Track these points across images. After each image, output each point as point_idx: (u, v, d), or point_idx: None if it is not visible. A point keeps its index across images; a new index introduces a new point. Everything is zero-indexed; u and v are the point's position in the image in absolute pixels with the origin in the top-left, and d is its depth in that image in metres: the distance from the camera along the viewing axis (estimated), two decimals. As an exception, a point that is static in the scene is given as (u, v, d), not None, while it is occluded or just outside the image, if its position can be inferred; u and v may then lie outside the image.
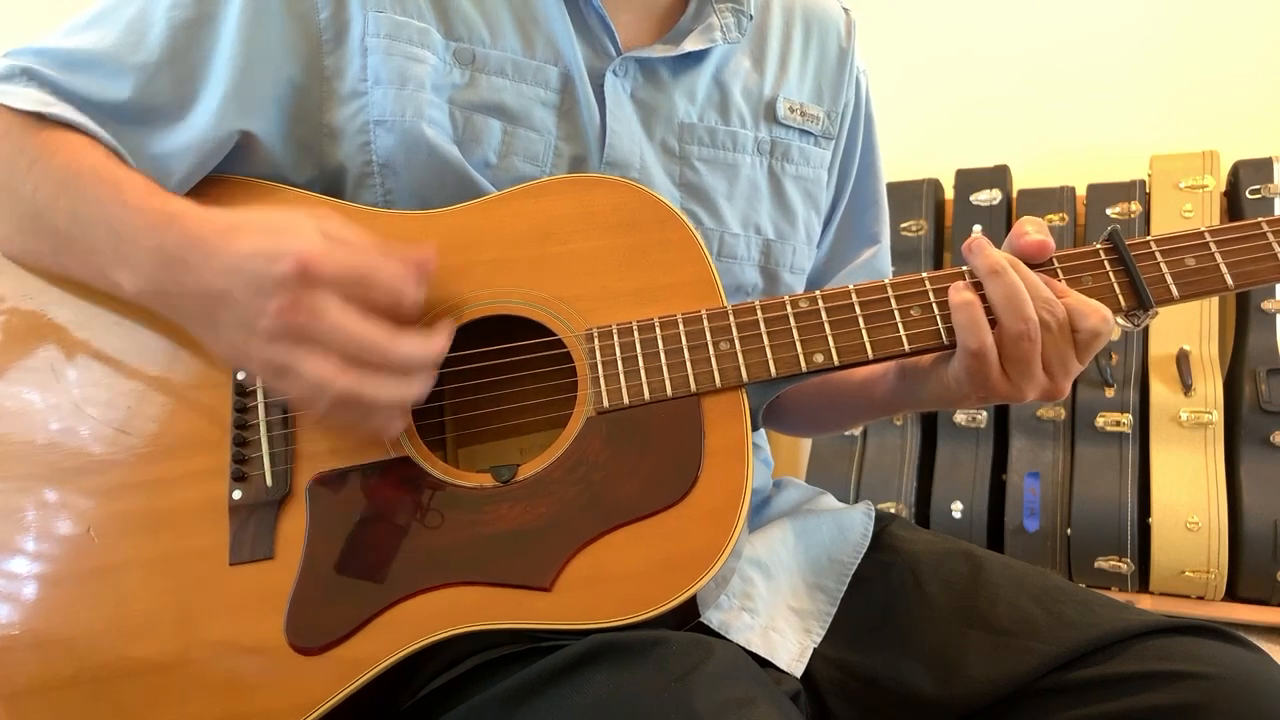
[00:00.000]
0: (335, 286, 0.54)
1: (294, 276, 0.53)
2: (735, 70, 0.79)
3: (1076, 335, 0.61)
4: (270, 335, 0.53)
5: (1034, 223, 0.64)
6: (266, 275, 0.53)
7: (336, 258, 0.54)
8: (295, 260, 0.53)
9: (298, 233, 0.55)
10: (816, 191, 0.84)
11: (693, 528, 0.57)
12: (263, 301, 0.53)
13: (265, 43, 0.66)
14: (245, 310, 0.54)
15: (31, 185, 0.62)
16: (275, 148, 0.68)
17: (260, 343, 0.54)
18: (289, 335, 0.53)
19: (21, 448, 0.63)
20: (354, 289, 0.54)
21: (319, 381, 0.53)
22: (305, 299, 0.53)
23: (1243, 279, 0.61)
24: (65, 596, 0.59)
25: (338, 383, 0.53)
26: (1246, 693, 0.57)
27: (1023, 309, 0.60)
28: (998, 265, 0.61)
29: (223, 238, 0.56)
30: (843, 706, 0.68)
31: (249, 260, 0.54)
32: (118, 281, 0.60)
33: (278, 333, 0.53)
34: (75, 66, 0.65)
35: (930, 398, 0.69)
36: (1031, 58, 2.55)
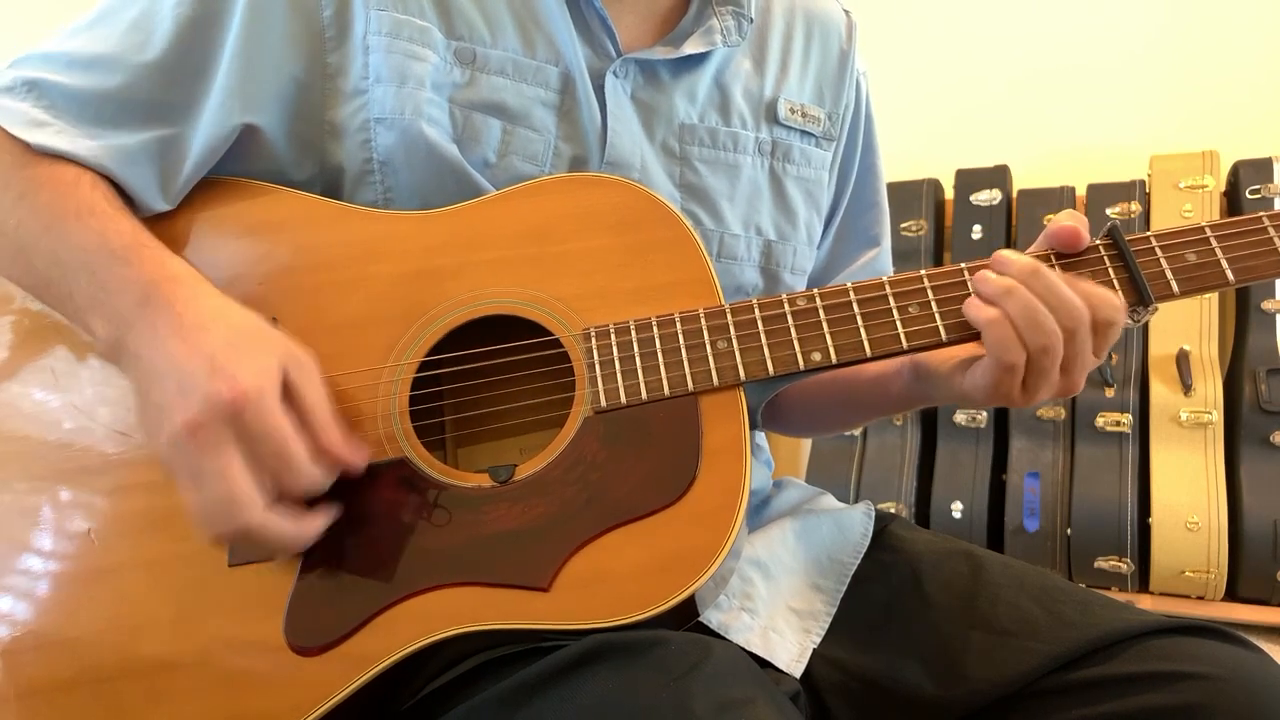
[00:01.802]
0: (248, 440, 0.53)
1: (221, 406, 0.53)
2: (736, 72, 0.79)
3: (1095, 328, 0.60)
4: (172, 438, 0.53)
5: (1073, 215, 0.63)
6: (201, 386, 0.53)
7: (268, 416, 0.54)
8: (232, 393, 0.53)
9: (258, 363, 0.55)
10: (818, 192, 0.84)
11: (691, 527, 0.57)
12: (183, 405, 0.53)
13: (269, 39, 0.66)
14: (165, 401, 0.54)
15: (15, 220, 0.62)
16: (277, 144, 0.68)
17: (164, 439, 0.54)
18: (184, 450, 0.53)
19: (21, 449, 0.63)
20: (265, 450, 0.54)
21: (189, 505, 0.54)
22: (214, 432, 0.53)
23: (1243, 274, 0.61)
24: (66, 597, 0.59)
25: (204, 523, 0.54)
26: (1246, 693, 0.57)
27: (1044, 324, 0.58)
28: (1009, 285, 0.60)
29: (195, 326, 0.56)
30: (842, 707, 0.68)
31: (200, 363, 0.54)
32: (90, 325, 0.60)
33: (177, 441, 0.53)
34: (79, 67, 0.65)
35: (943, 399, 0.69)
36: (1031, 58, 2.55)
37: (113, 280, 0.59)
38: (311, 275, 0.65)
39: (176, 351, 0.55)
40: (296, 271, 0.66)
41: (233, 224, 0.68)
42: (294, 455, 0.54)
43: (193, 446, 0.53)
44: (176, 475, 0.54)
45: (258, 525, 0.53)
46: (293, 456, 0.54)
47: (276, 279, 0.65)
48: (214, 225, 0.68)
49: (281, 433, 0.54)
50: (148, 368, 0.56)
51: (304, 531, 0.56)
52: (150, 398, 0.56)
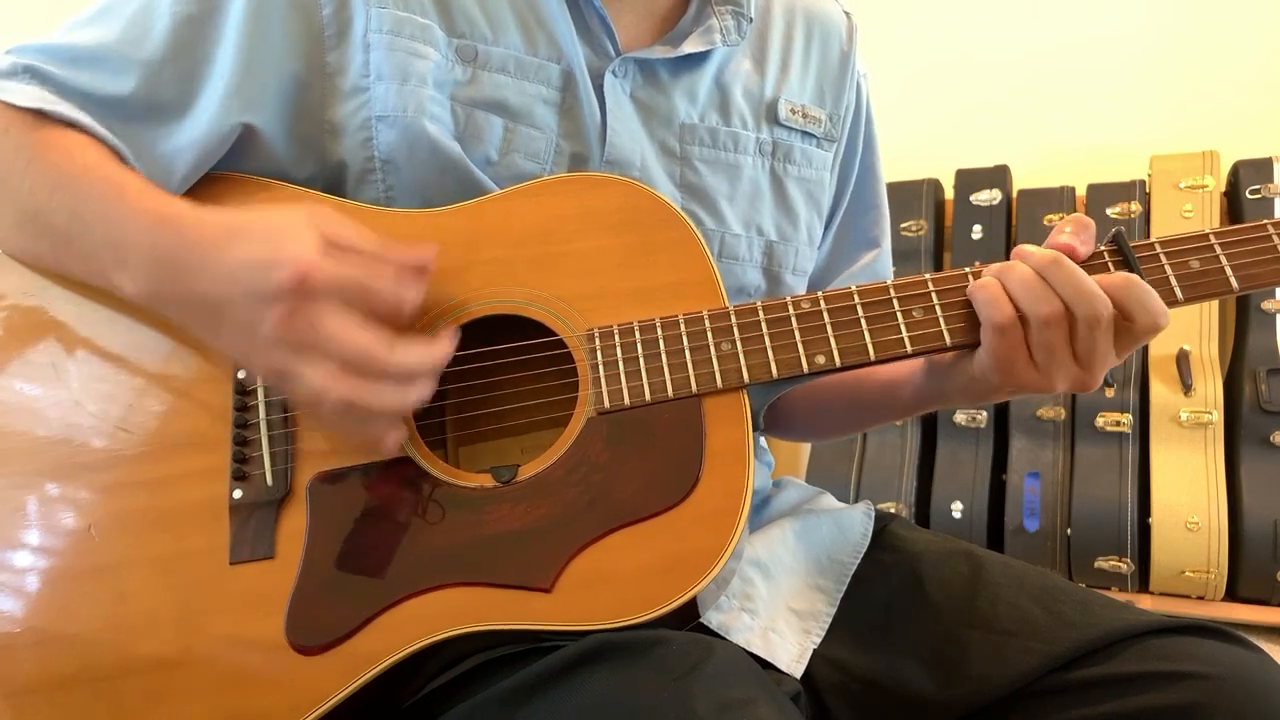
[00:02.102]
0: (333, 294, 0.54)
1: (291, 286, 0.53)
2: (736, 72, 0.79)
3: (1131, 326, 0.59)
4: (270, 343, 0.54)
5: (1076, 221, 0.62)
6: (264, 284, 0.53)
7: (333, 267, 0.54)
8: (293, 270, 0.53)
9: (296, 239, 0.55)
10: (819, 193, 0.84)
11: (693, 529, 0.57)
12: (262, 310, 0.53)
13: (268, 38, 0.66)
14: (245, 318, 0.54)
15: (29, 183, 0.62)
16: (277, 143, 0.68)
17: (261, 349, 0.54)
18: (289, 343, 0.54)
19: (22, 445, 0.63)
20: (352, 296, 0.54)
21: (318, 389, 0.54)
22: (303, 309, 0.53)
23: (1247, 281, 0.61)
24: (66, 595, 0.59)
25: (335, 391, 0.54)
26: (1246, 693, 0.57)
27: (1043, 293, 0.59)
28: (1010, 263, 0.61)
29: (220, 242, 0.56)
30: (842, 707, 0.68)
31: (246, 268, 0.54)
32: (118, 284, 0.60)
33: (277, 341, 0.53)
34: (78, 63, 0.65)
35: (956, 394, 0.68)
36: (1032, 58, 2.55)
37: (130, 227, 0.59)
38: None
39: (218, 276, 0.55)
40: None
41: None
42: (376, 283, 0.56)
43: (296, 335, 0.53)
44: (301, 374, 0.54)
45: (397, 362, 0.54)
46: (376, 284, 0.55)
47: None
48: None
49: (353, 277, 0.55)
50: (201, 301, 0.57)
51: (439, 352, 0.57)
52: (226, 328, 0.56)
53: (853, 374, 0.80)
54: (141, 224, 0.59)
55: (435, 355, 0.57)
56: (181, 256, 0.57)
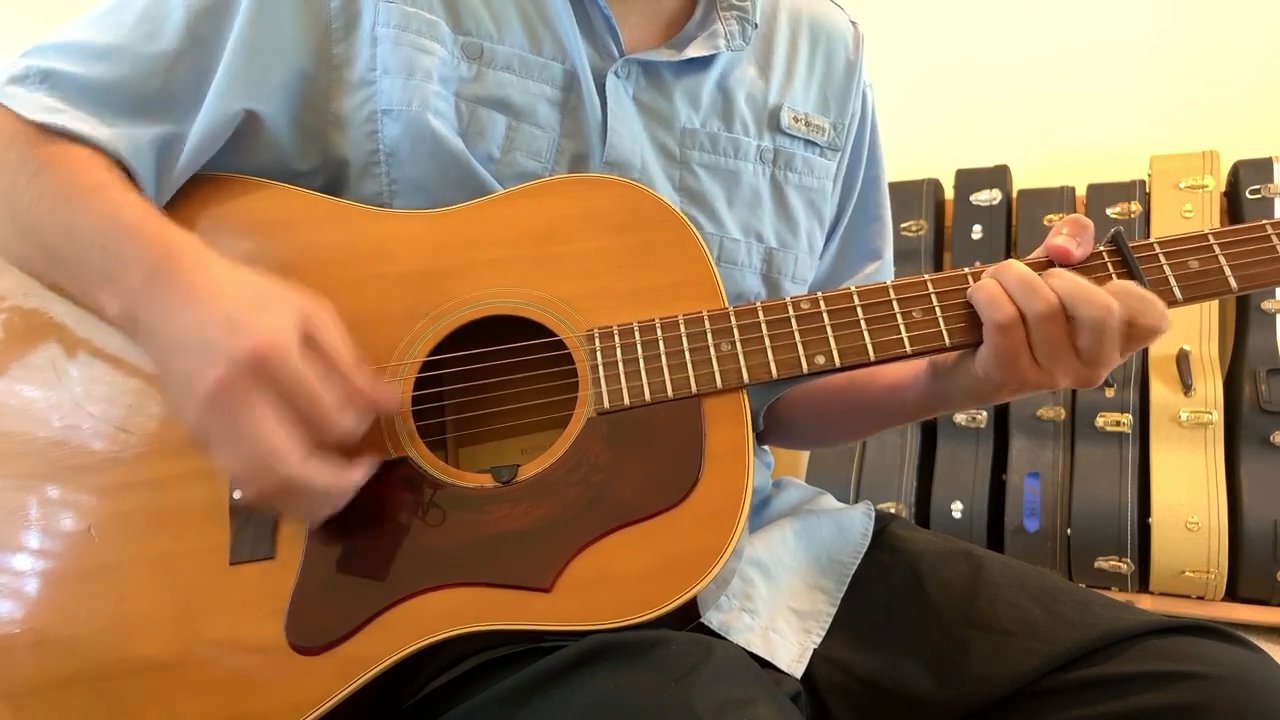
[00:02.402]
0: (277, 387, 0.53)
1: (244, 357, 0.52)
2: (740, 78, 0.79)
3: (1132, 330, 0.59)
4: (199, 400, 0.53)
5: (1073, 223, 0.63)
6: (223, 345, 0.53)
7: (293, 363, 0.53)
8: (256, 344, 0.52)
9: (276, 317, 0.55)
10: (820, 202, 0.83)
11: (693, 529, 0.57)
12: (207, 367, 0.53)
13: (275, 28, 0.67)
14: (191, 367, 0.54)
15: (29, 198, 0.62)
16: (280, 133, 0.68)
17: (191, 402, 0.54)
18: (215, 410, 0.53)
19: (22, 445, 0.63)
20: (295, 399, 0.54)
21: (230, 472, 0.55)
22: (243, 385, 0.53)
23: (1246, 282, 0.61)
24: (66, 595, 0.59)
25: (244, 483, 0.54)
26: (1246, 693, 0.57)
27: (1039, 290, 0.59)
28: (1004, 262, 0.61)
29: (208, 289, 0.56)
30: (843, 707, 0.68)
31: (218, 324, 0.54)
32: (101, 302, 0.60)
33: (206, 401, 0.53)
34: (91, 57, 0.66)
35: (961, 395, 0.67)
36: (1032, 58, 2.55)
37: (124, 253, 0.59)
38: (314, 274, 0.65)
39: (193, 318, 0.55)
40: (299, 270, 0.65)
41: (235, 222, 0.68)
42: (324, 401, 0.54)
43: (225, 406, 0.53)
44: (211, 440, 0.54)
45: (298, 476, 0.53)
46: (323, 402, 0.54)
47: (281, 277, 0.65)
48: (217, 223, 0.67)
49: (308, 380, 0.54)
50: (166, 339, 0.56)
51: (344, 482, 0.56)
52: (174, 367, 0.56)
53: (856, 380, 0.80)
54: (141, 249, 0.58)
55: (341, 483, 0.56)
56: (170, 290, 0.57)
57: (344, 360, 0.56)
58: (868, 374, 0.78)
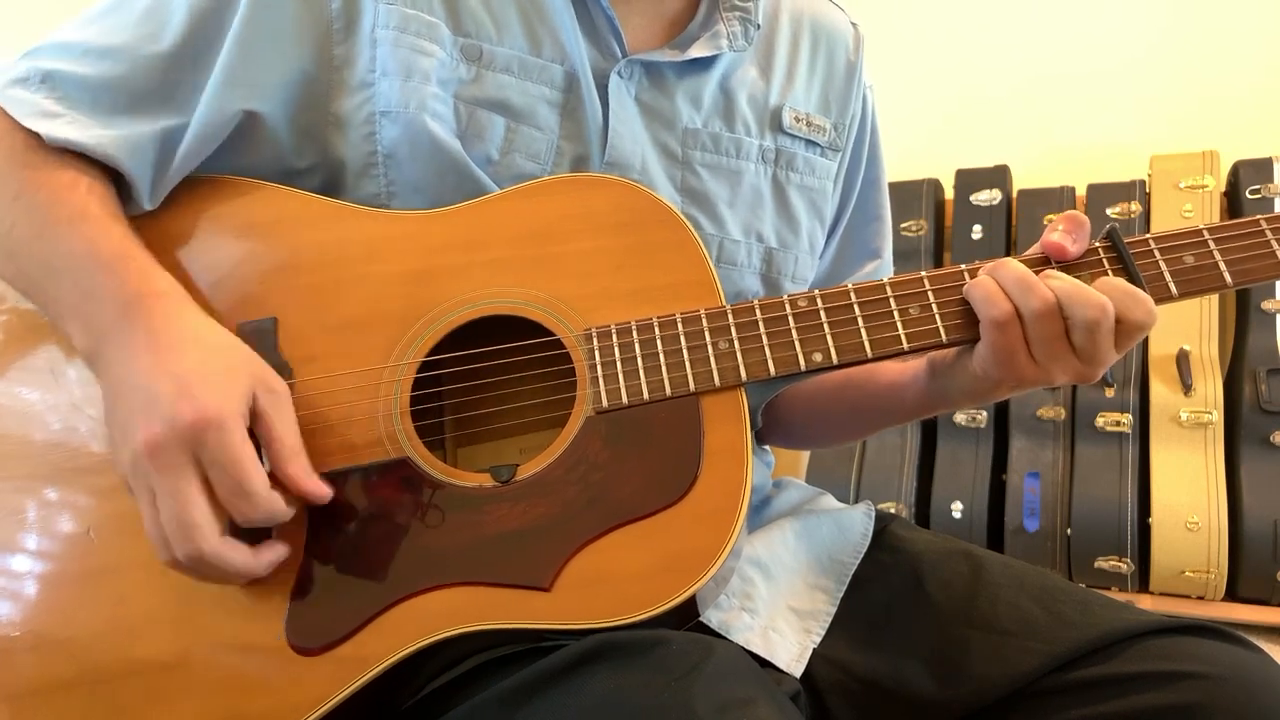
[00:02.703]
0: (208, 465, 0.54)
1: (180, 423, 0.53)
2: (742, 78, 0.79)
3: (1119, 326, 0.59)
4: (134, 455, 0.54)
5: (1069, 219, 0.63)
6: (167, 405, 0.53)
7: (229, 443, 0.53)
8: (196, 416, 0.53)
9: (229, 389, 0.55)
10: (821, 202, 0.84)
11: (692, 527, 0.57)
12: (146, 424, 0.53)
13: (275, 28, 0.67)
14: (133, 419, 0.54)
15: (10, 222, 0.62)
16: (279, 132, 0.68)
17: (125, 450, 0.55)
18: (145, 468, 0.54)
19: (21, 447, 0.63)
20: (223, 478, 0.54)
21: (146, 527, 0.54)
22: (175, 452, 0.53)
23: (1241, 277, 0.61)
24: (65, 597, 0.59)
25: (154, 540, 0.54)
26: (1246, 693, 0.57)
27: (1035, 288, 0.59)
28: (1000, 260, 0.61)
29: (171, 345, 0.56)
30: (842, 707, 0.68)
31: (169, 381, 0.54)
32: (70, 332, 0.60)
33: (139, 458, 0.54)
34: (93, 57, 0.66)
35: (960, 393, 0.68)
36: (1032, 58, 2.55)
37: (96, 289, 0.59)
38: (312, 275, 0.65)
39: (147, 369, 0.55)
40: (297, 271, 0.66)
41: (233, 223, 0.68)
42: (253, 484, 0.54)
43: (151, 466, 0.53)
44: (135, 492, 0.55)
45: (210, 553, 0.53)
46: (251, 486, 0.54)
47: (277, 278, 0.65)
48: (216, 224, 0.67)
49: (241, 461, 0.54)
50: (117, 381, 0.57)
51: (257, 563, 0.56)
52: (116, 410, 0.56)
53: (854, 378, 0.80)
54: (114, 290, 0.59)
55: (255, 566, 0.56)
56: (134, 337, 0.57)
57: (287, 444, 0.57)
58: (866, 372, 0.78)
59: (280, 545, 0.57)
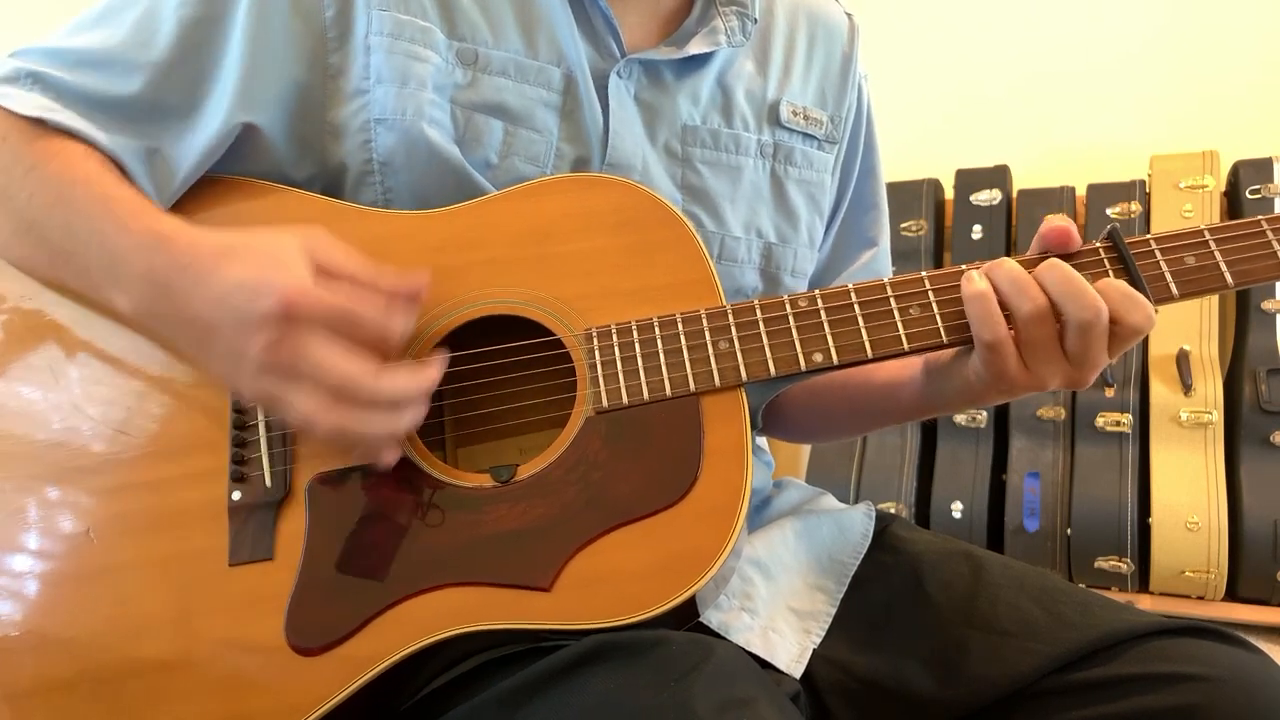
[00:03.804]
0: (319, 322, 0.54)
1: (278, 313, 0.53)
2: (739, 73, 0.79)
3: (1117, 329, 0.59)
4: (258, 369, 0.54)
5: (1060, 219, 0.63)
6: (252, 310, 0.53)
7: (320, 295, 0.54)
8: (280, 297, 0.53)
9: (286, 265, 0.55)
10: (820, 195, 0.84)
11: (692, 527, 0.57)
12: (249, 336, 0.53)
13: (271, 40, 0.66)
14: (232, 343, 0.54)
15: (27, 193, 0.62)
16: (277, 143, 0.68)
17: (248, 375, 0.55)
18: (276, 370, 0.54)
19: (21, 448, 0.63)
20: (338, 324, 0.54)
21: (307, 415, 0.54)
22: (290, 336, 0.53)
23: (1242, 277, 0.61)
24: (65, 597, 0.59)
25: (323, 418, 0.54)
26: (1246, 694, 0.57)
27: (1028, 289, 0.59)
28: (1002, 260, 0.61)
29: (210, 265, 0.56)
30: (842, 707, 0.68)
31: (235, 293, 0.54)
32: (113, 301, 0.60)
33: (265, 367, 0.54)
34: (83, 66, 0.65)
35: (954, 396, 0.68)
36: (1032, 58, 2.55)
37: (120, 247, 0.59)
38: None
39: (210, 296, 0.55)
40: None
41: (236, 224, 0.67)
42: (367, 315, 0.55)
43: (282, 363, 0.53)
44: (286, 401, 0.54)
45: (380, 389, 0.54)
46: (364, 313, 0.55)
47: None
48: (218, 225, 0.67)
49: (343, 305, 0.55)
50: (191, 324, 0.57)
51: (422, 379, 0.57)
52: (215, 352, 0.56)
53: (854, 377, 0.80)
54: (135, 243, 0.59)
55: (422, 382, 0.57)
56: (174, 278, 0.57)
57: (359, 269, 0.57)
58: (865, 372, 0.78)
59: (430, 364, 0.58)
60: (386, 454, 0.58)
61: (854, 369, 0.73)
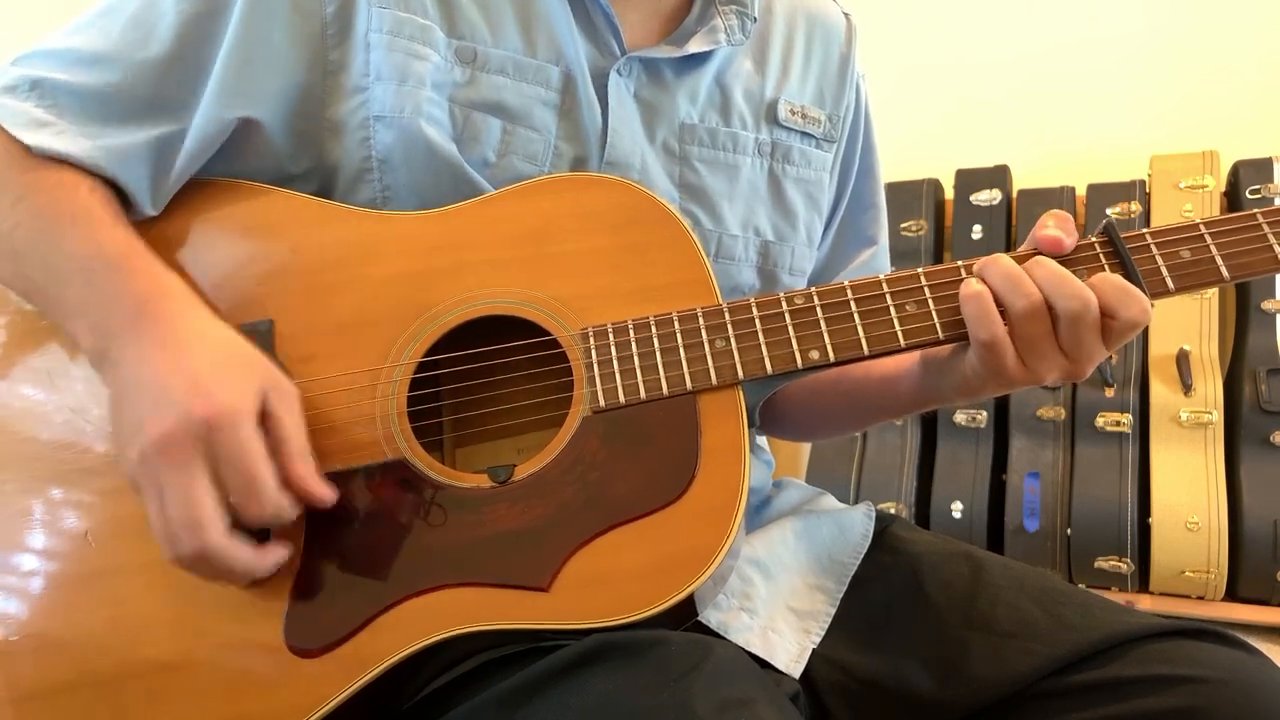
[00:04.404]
0: (218, 461, 0.53)
1: (198, 422, 0.53)
2: (737, 72, 0.79)
3: (1113, 323, 0.59)
4: (143, 452, 0.53)
5: (1057, 215, 0.63)
6: (180, 400, 0.53)
7: (245, 441, 0.53)
8: (210, 410, 0.53)
9: (240, 385, 0.55)
10: (818, 194, 0.84)
11: (690, 526, 0.56)
12: (159, 418, 0.53)
13: (270, 36, 0.66)
14: (143, 414, 0.54)
15: (11, 224, 0.62)
16: (275, 138, 0.68)
17: (134, 451, 0.54)
18: (155, 464, 0.53)
19: (19, 451, 0.63)
20: (233, 476, 0.54)
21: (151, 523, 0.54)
22: (187, 447, 0.53)
23: (1238, 270, 0.60)
24: (65, 599, 0.59)
25: (159, 535, 0.54)
26: (1246, 696, 0.57)
27: (1021, 286, 0.59)
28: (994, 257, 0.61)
29: (182, 342, 0.56)
30: (842, 707, 0.68)
31: (181, 377, 0.54)
32: (76, 334, 0.60)
33: (150, 455, 0.53)
34: (81, 64, 0.65)
35: (952, 391, 0.68)
36: (1031, 58, 2.55)
37: (103, 290, 0.59)
38: (309, 277, 0.65)
39: (159, 366, 0.55)
40: (294, 273, 0.66)
41: (231, 226, 0.68)
42: (261, 482, 0.54)
43: (161, 461, 0.53)
44: (142, 489, 0.54)
45: (216, 549, 0.53)
46: (260, 483, 0.54)
47: (274, 280, 0.65)
48: (212, 227, 0.67)
49: (251, 458, 0.54)
50: (127, 378, 0.56)
51: (263, 562, 0.56)
52: (125, 408, 0.56)
53: (851, 372, 0.80)
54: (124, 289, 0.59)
55: (256, 564, 0.56)
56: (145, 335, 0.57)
57: (295, 444, 0.57)
58: (862, 367, 0.78)
59: (282, 546, 0.57)
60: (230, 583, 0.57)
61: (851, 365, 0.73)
